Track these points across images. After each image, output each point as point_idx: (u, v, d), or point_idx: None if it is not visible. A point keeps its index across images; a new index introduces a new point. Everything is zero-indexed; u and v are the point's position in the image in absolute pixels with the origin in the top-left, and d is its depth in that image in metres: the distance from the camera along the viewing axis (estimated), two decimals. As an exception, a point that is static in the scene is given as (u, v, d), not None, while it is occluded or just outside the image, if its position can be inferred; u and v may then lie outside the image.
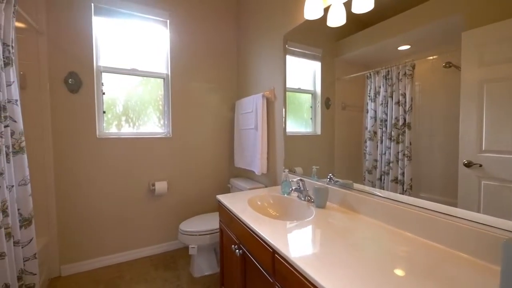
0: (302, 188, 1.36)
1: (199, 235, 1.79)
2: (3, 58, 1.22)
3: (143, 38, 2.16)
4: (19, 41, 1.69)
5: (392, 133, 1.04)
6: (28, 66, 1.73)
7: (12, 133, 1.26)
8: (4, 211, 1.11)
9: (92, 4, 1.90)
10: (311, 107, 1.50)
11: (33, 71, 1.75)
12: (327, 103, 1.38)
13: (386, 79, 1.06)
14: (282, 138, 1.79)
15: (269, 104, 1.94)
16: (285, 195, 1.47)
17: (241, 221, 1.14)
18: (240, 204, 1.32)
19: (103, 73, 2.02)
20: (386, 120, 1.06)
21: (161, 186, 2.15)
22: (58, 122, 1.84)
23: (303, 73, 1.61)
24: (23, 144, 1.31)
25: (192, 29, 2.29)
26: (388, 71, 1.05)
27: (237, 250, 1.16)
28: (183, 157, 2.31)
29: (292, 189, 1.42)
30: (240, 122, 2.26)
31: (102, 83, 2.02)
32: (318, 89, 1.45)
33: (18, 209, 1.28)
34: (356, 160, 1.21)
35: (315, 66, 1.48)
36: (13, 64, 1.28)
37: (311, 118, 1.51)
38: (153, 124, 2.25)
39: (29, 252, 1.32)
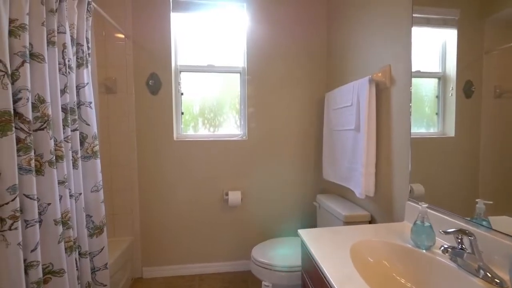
0: (469, 250, 0.69)
1: (275, 270, 1.36)
2: (77, 58, 1.17)
3: (219, 30, 1.94)
4: (110, 47, 1.77)
5: None
6: (118, 70, 1.79)
7: (85, 137, 1.21)
8: (65, 223, 1.02)
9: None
10: (437, 97, 1.05)
11: (122, 75, 1.80)
12: (467, 89, 0.93)
13: None
14: (408, 144, 1.11)
15: (380, 92, 1.28)
16: (423, 250, 0.82)
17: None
18: (338, 259, 0.78)
19: (181, 73, 1.92)
20: None
21: (234, 196, 1.86)
22: (140, 125, 1.84)
23: (425, 49, 1.06)
24: (96, 148, 1.25)
25: (270, 9, 1.89)
26: None
27: None
28: (259, 163, 1.95)
29: (445, 248, 0.75)
30: (332, 120, 1.68)
31: (179, 83, 1.92)
32: (451, 70, 0.96)
33: (90, 216, 1.23)
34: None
35: (446, 37, 0.98)
36: (88, 65, 1.23)
37: (436, 113, 1.05)
38: (229, 125, 2.00)
39: (100, 262, 1.26)
